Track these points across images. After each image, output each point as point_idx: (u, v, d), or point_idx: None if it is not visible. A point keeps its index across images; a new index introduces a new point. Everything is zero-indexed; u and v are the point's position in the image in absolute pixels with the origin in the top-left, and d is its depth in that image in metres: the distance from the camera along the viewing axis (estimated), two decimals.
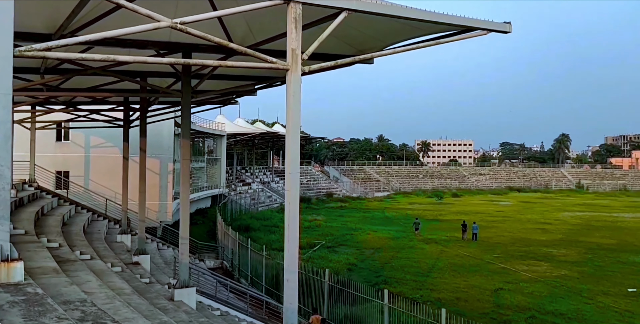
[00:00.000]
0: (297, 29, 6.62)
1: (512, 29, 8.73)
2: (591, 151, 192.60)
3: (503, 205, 60.56)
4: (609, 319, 16.68)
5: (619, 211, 54.69)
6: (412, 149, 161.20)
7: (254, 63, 7.29)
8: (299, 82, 6.83)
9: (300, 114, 6.99)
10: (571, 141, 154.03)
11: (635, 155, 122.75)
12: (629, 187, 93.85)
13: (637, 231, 38.23)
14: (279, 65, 6.77)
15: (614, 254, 28.44)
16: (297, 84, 6.79)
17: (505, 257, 27.14)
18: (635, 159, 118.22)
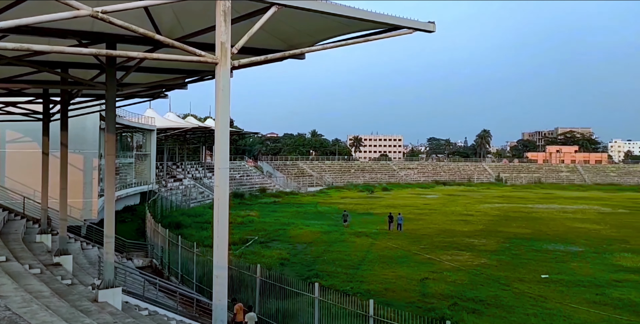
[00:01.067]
0: (227, 22, 6.49)
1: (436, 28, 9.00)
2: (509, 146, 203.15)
3: (430, 198, 62.71)
4: (524, 304, 17.68)
5: (534, 203, 58.12)
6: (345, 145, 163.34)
7: (182, 56, 7.07)
8: (228, 76, 6.70)
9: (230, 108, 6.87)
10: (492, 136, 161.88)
11: (549, 150, 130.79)
12: (543, 180, 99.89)
13: (550, 221, 40.82)
14: (208, 59, 6.61)
15: (529, 243, 30.19)
16: (227, 78, 6.66)
17: (431, 248, 28.13)
18: (549, 154, 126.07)
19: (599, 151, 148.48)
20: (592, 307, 17.35)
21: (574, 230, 35.89)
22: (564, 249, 28.21)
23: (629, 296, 18.60)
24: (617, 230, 36.23)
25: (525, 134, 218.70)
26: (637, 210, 51.39)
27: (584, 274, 22.25)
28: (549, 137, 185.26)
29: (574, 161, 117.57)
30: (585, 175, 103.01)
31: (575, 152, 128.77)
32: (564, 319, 16.07)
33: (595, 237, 32.80)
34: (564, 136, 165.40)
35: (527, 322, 15.70)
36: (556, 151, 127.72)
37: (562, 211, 48.89)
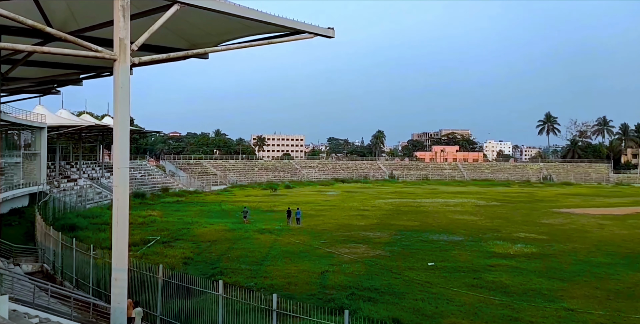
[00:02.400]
0: (126, 18, 6.12)
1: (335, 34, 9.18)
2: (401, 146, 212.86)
3: (330, 195, 64.01)
4: (413, 290, 18.62)
5: (421, 198, 61.45)
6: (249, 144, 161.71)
7: (77, 51, 6.56)
8: (127, 74, 6.33)
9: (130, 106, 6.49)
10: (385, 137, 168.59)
11: (434, 149, 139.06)
12: (429, 177, 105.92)
13: (435, 214, 43.38)
14: (105, 55, 6.19)
15: (417, 234, 31.85)
16: (126, 75, 6.29)
17: (331, 242, 28.72)
18: (435, 153, 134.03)
19: (476, 151, 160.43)
20: (471, 290, 18.67)
21: (455, 221, 38.43)
22: (447, 239, 30.09)
23: (501, 279, 20.26)
24: (491, 221, 39.36)
25: (414, 134, 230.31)
26: (506, 202, 56.21)
27: (464, 260, 23.88)
28: (435, 137, 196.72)
29: (456, 160, 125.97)
30: (464, 172, 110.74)
31: (456, 151, 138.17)
32: (447, 302, 17.13)
33: (473, 227, 35.36)
34: (447, 136, 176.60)
35: (416, 306, 16.52)
36: (440, 150, 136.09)
37: (445, 205, 52.17)
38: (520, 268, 22.30)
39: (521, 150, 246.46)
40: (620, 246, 28.38)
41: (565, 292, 18.57)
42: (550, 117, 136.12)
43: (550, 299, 17.57)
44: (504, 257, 24.79)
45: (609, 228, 35.59)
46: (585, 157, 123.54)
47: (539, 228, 35.27)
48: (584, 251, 26.57)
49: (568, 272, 21.73)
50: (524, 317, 15.59)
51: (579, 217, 42.04)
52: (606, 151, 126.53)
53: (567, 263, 23.58)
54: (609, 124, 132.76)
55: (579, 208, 50.28)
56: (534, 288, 19.10)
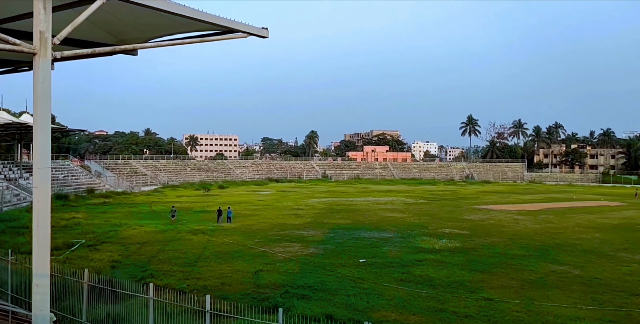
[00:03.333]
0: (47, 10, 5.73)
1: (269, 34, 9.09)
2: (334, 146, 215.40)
3: (264, 194, 63.59)
4: (346, 286, 18.88)
5: (353, 196, 62.52)
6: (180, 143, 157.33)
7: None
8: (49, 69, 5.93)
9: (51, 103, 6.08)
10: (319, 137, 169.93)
11: (365, 150, 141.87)
12: (361, 176, 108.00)
13: (367, 212, 44.28)
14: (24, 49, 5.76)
15: (349, 232, 32.34)
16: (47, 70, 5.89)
17: (265, 241, 28.52)
18: (366, 153, 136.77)
19: (405, 151, 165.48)
20: (400, 284, 19.21)
21: (385, 219, 39.41)
22: (377, 236, 30.78)
23: (428, 273, 21.00)
24: (419, 217, 40.73)
25: (346, 135, 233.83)
26: (433, 200, 58.42)
27: (393, 256, 24.52)
28: (366, 138, 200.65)
29: (386, 159, 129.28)
30: (394, 171, 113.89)
31: (386, 151, 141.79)
32: (377, 296, 17.51)
33: (402, 224, 36.42)
34: (377, 137, 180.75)
35: (348, 302, 16.75)
36: (371, 150, 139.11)
37: (376, 203, 53.38)
38: (445, 262, 23.21)
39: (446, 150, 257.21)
40: (533, 239, 30.27)
41: (485, 283, 19.54)
42: (472, 119, 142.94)
43: (471, 290, 18.41)
44: (430, 252, 25.70)
45: (523, 223, 37.88)
46: (503, 157, 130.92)
47: (462, 224, 36.92)
48: (502, 245, 28.10)
49: (487, 264, 22.88)
50: (448, 308, 16.23)
51: (497, 213, 44.45)
52: (521, 151, 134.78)
53: (486, 256, 24.83)
54: (523, 126, 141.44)
55: (496, 205, 53.20)
56: (457, 280, 19.95)
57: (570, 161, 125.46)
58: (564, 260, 24.01)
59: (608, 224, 37.80)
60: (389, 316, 15.30)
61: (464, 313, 15.77)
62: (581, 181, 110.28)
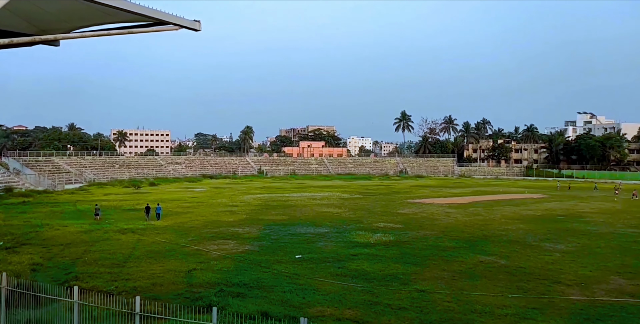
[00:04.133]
0: None
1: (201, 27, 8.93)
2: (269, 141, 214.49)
3: (198, 191, 62.29)
4: (282, 282, 18.93)
5: (289, 192, 62.63)
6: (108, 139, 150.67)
7: None
8: None
9: None
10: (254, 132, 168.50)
11: (301, 145, 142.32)
12: (297, 171, 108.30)
13: (303, 208, 44.53)
14: None
15: (285, 228, 32.41)
16: None
17: (199, 239, 27.99)
18: (302, 148, 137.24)
19: (341, 146, 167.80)
20: (336, 279, 19.52)
21: (321, 214, 39.84)
22: (313, 231, 31.06)
23: (363, 267, 21.48)
24: (354, 212, 41.51)
25: (282, 130, 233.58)
26: (368, 195, 59.72)
27: (329, 251, 24.86)
28: (302, 133, 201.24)
29: (322, 155, 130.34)
30: (330, 166, 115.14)
31: (322, 147, 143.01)
32: (313, 292, 17.71)
33: (337, 219, 36.96)
34: (313, 132, 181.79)
35: (284, 298, 16.83)
36: (307, 146, 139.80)
37: (312, 198, 53.79)
38: (380, 256, 23.83)
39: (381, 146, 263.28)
40: (463, 231, 31.72)
41: (418, 275, 20.28)
42: (405, 115, 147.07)
43: (405, 283, 19.05)
44: (365, 246, 26.28)
45: (453, 216, 39.60)
46: (435, 152, 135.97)
47: (396, 218, 38.03)
48: (433, 237, 29.25)
49: (420, 257, 23.74)
50: (382, 301, 16.69)
51: (429, 207, 46.16)
52: (452, 146, 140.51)
53: (419, 249, 25.75)
54: (453, 122, 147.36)
55: (429, 198, 55.23)
56: (391, 273, 20.56)
57: (497, 155, 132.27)
58: (492, 251, 25.35)
59: (532, 216, 40.27)
60: (325, 311, 15.53)
61: (398, 305, 16.29)
62: (507, 174, 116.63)
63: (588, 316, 15.28)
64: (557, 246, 26.77)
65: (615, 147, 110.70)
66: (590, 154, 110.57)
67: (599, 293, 17.92)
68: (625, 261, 22.98)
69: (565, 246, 26.88)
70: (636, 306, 16.30)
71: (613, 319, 15.03)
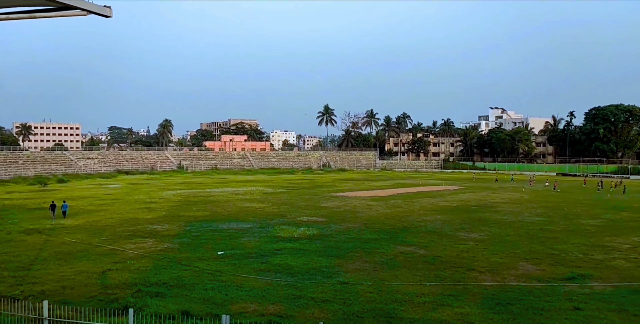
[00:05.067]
0: None
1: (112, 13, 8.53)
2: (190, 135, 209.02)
3: (112, 188, 59.46)
4: (204, 280, 18.61)
5: (211, 187, 61.47)
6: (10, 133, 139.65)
7: None
8: None
9: None
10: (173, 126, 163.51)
11: (223, 139, 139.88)
12: (219, 166, 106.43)
13: (225, 203, 43.91)
14: None
15: (207, 224, 31.82)
16: None
17: (114, 238, 26.80)
18: (224, 142, 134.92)
19: (264, 140, 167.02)
20: (259, 274, 19.49)
21: (244, 209, 39.51)
22: (236, 227, 30.76)
23: (287, 261, 21.60)
24: (277, 207, 41.56)
25: (203, 124, 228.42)
26: (291, 189, 60.00)
27: (252, 247, 24.75)
28: (224, 127, 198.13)
29: (244, 149, 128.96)
30: (253, 161, 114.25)
31: (245, 141, 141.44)
32: (236, 288, 17.57)
33: (261, 214, 36.85)
34: (236, 126, 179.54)
35: (206, 296, 16.56)
36: (230, 140, 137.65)
37: (235, 194, 53.19)
38: (304, 250, 24.08)
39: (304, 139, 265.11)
40: (384, 223, 32.80)
41: (341, 267, 20.73)
42: (328, 109, 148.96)
43: (328, 276, 19.40)
44: (289, 240, 26.44)
45: (375, 208, 40.82)
46: (357, 145, 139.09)
47: (319, 211, 38.56)
48: (356, 230, 30.00)
49: (343, 249, 24.26)
50: (306, 294, 16.91)
51: (352, 200, 47.25)
52: (373, 140, 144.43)
53: (342, 242, 26.31)
54: (375, 116, 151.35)
55: (352, 192, 56.52)
56: (315, 266, 20.85)
57: (416, 149, 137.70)
58: (411, 241, 26.45)
59: (448, 207, 42.43)
60: (248, 307, 15.48)
61: (322, 297, 16.58)
62: (426, 167, 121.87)
63: (499, 301, 16.38)
64: (471, 235, 28.41)
65: (523, 140, 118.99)
66: (501, 147, 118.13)
67: (509, 278, 19.27)
68: (532, 248, 24.85)
69: (478, 235, 28.59)
70: (542, 290, 17.70)
71: (522, 303, 16.21)
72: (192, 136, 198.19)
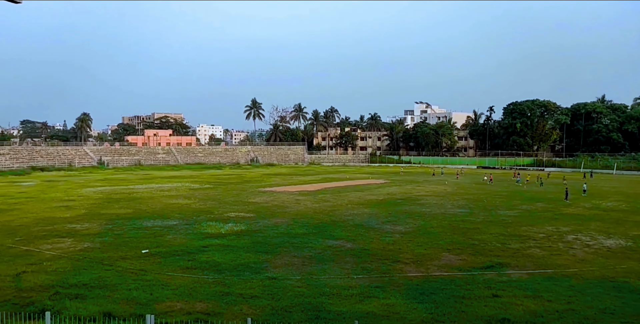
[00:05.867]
0: None
1: None
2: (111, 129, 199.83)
3: (26, 186, 55.76)
4: (127, 280, 18.01)
5: (134, 184, 59.28)
6: None
7: None
8: None
9: None
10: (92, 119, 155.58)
11: (147, 133, 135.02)
12: (142, 162, 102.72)
13: (149, 200, 42.55)
14: None
15: (130, 222, 30.74)
16: None
17: (29, 238, 25.23)
18: (148, 137, 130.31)
19: (190, 135, 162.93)
20: (186, 272, 19.16)
21: (170, 206, 38.51)
22: (161, 224, 29.95)
23: (214, 258, 21.37)
24: (204, 203, 40.86)
25: (125, 118, 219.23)
26: (219, 184, 59.15)
27: (178, 244, 24.23)
28: (147, 121, 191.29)
29: (169, 144, 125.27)
30: (178, 156, 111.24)
31: (170, 135, 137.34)
32: (162, 287, 17.18)
33: (187, 211, 36.09)
34: (160, 120, 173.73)
35: (130, 296, 16.06)
36: (153, 134, 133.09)
37: (160, 190, 51.65)
38: (231, 246, 23.89)
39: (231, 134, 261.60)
40: (312, 217, 33.20)
41: (269, 263, 20.80)
42: (256, 103, 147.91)
43: (256, 271, 19.42)
44: (216, 237, 26.12)
45: (304, 203, 41.18)
46: (286, 140, 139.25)
47: (247, 207, 38.35)
48: (284, 225, 30.15)
49: (272, 245, 24.33)
50: (234, 291, 16.84)
51: (280, 195, 47.37)
52: (302, 134, 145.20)
53: (270, 237, 26.36)
54: (303, 110, 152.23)
55: (280, 186, 56.62)
56: (243, 262, 20.79)
57: (344, 143, 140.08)
58: (339, 235, 26.97)
59: (375, 200, 43.61)
60: (174, 306, 15.20)
61: (250, 294, 16.58)
62: (354, 161, 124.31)
63: (423, 291, 17.15)
64: (397, 228, 29.43)
65: (446, 134, 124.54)
66: (425, 141, 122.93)
67: (433, 268, 20.20)
68: (454, 239, 26.16)
69: (403, 227, 29.68)
70: (463, 279, 18.72)
71: (444, 292, 17.07)
72: (114, 130, 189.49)
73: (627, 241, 25.82)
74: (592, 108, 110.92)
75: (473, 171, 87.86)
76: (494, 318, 14.48)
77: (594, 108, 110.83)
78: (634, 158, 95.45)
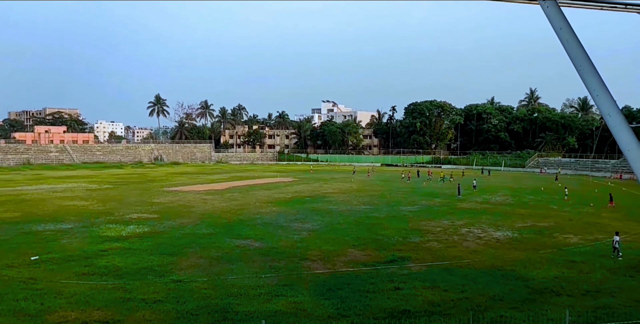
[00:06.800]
0: None
1: None
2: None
3: None
4: (14, 289, 16.54)
5: (23, 184, 54.66)
6: None
7: None
8: None
9: None
10: None
11: (37, 130, 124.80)
12: (32, 161, 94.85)
13: (40, 202, 39.40)
14: None
15: (18, 226, 28.30)
16: None
17: None
18: (38, 134, 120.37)
19: (87, 132, 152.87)
20: (82, 279, 17.97)
21: (64, 208, 35.93)
22: (54, 228, 27.87)
23: (114, 263, 20.26)
24: (104, 204, 38.60)
25: (12, 113, 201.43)
26: (120, 184, 56.19)
27: (74, 249, 22.68)
28: (38, 117, 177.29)
29: (63, 141, 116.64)
30: (74, 155, 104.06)
31: (64, 132, 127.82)
32: (55, 295, 15.97)
33: (84, 213, 33.90)
34: (52, 116, 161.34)
35: (17, 307, 14.75)
36: (45, 131, 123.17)
37: (52, 191, 48.04)
38: (133, 249, 22.80)
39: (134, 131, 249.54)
40: (220, 217, 32.58)
41: (174, 265, 20.11)
42: (160, 99, 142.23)
43: (160, 274, 18.68)
44: (116, 240, 24.79)
45: (211, 202, 40.30)
46: (192, 138, 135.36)
47: (151, 207, 36.80)
48: (190, 225, 29.30)
49: (177, 246, 23.53)
50: (136, 296, 16.07)
51: (186, 195, 45.98)
52: (209, 132, 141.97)
53: (176, 238, 25.50)
54: (210, 107, 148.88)
55: (186, 186, 54.96)
56: (146, 265, 19.90)
57: (252, 141, 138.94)
58: (247, 234, 26.70)
59: (283, 198, 43.71)
60: (69, 316, 14.18)
61: (153, 298, 15.91)
62: (262, 159, 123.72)
63: (330, 287, 17.47)
64: (305, 225, 29.74)
65: (352, 133, 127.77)
66: (332, 139, 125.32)
67: (339, 264, 20.65)
68: (360, 235, 26.93)
69: (311, 224, 30.05)
70: (368, 273, 19.33)
71: (350, 287, 17.51)
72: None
73: (514, 232, 28.14)
74: (483, 109, 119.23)
75: (380, 169, 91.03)
76: (396, 310, 15.11)
77: (485, 109, 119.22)
78: (518, 156, 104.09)
